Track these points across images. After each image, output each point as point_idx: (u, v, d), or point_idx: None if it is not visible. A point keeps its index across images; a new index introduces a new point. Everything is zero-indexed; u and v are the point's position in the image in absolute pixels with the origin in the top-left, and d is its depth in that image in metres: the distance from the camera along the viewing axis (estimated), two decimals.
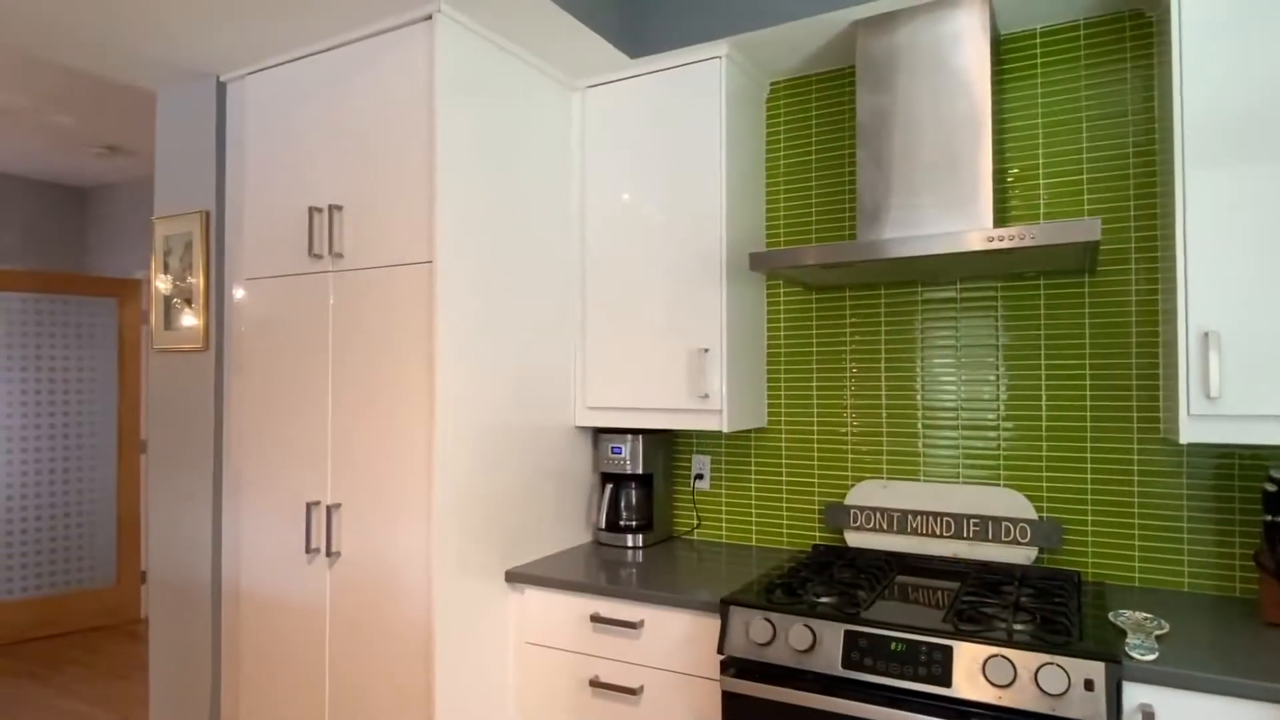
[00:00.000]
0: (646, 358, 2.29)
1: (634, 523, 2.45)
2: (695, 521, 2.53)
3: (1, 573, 4.31)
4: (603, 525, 2.42)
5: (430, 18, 1.94)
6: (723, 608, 1.78)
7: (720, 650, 1.76)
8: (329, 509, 2.10)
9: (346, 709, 2.06)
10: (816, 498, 2.34)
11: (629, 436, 2.42)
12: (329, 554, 2.09)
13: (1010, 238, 1.61)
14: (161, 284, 2.48)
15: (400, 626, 1.97)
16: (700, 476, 2.52)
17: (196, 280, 2.37)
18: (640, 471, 2.40)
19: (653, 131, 2.29)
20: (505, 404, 2.14)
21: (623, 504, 2.46)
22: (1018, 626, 1.58)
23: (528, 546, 2.22)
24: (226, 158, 2.37)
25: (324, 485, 2.12)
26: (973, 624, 1.60)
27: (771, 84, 2.44)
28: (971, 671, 1.51)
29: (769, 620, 1.71)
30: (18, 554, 4.36)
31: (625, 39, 2.24)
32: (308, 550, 2.13)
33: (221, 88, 2.38)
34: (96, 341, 4.65)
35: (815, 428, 2.34)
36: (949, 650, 1.54)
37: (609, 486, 2.44)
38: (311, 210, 2.14)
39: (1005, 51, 2.12)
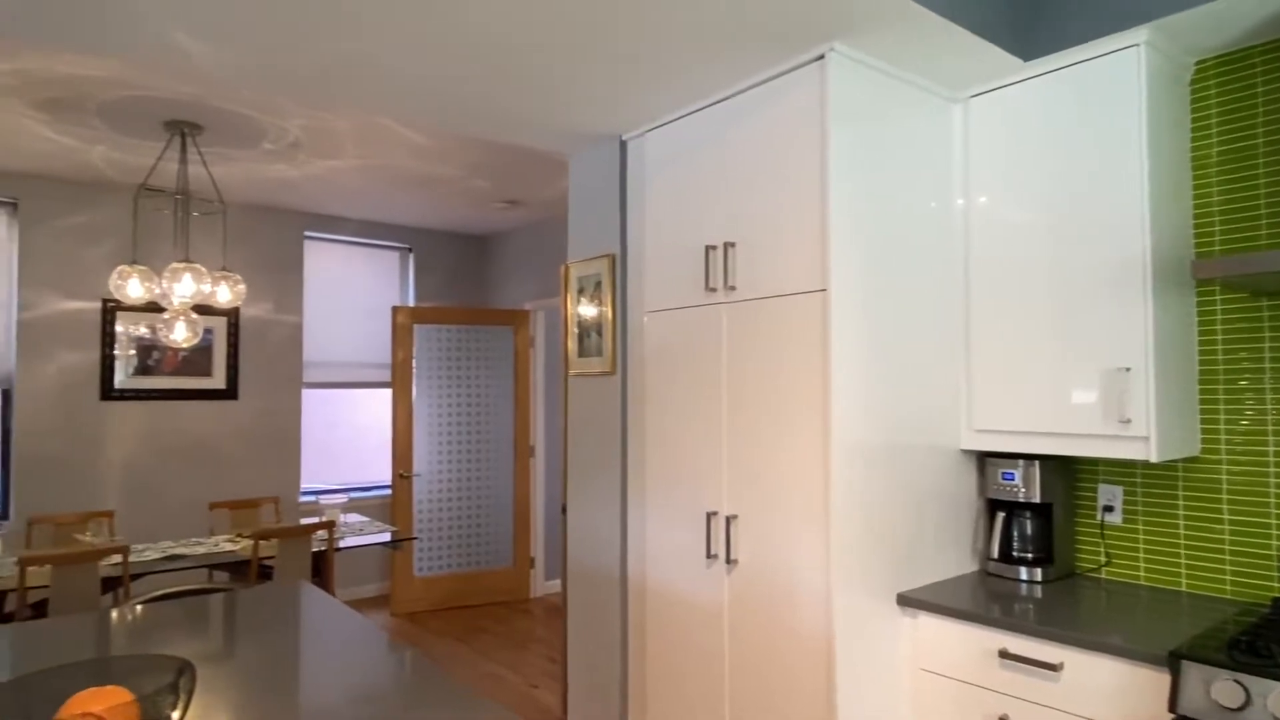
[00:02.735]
0: (1046, 379, 2.13)
1: (1030, 555, 2.29)
2: (1103, 558, 2.29)
3: (438, 551, 5.37)
4: (994, 555, 2.30)
5: (822, 58, 2.04)
6: (1172, 662, 1.59)
7: (1172, 708, 1.57)
8: (727, 519, 2.28)
9: (745, 703, 2.22)
10: (1275, 542, 1.97)
11: (1021, 462, 2.27)
12: (728, 561, 2.28)
13: None
14: (575, 318, 2.91)
15: (799, 636, 2.07)
16: (1110, 508, 2.27)
17: (605, 314, 2.75)
18: (1037, 500, 2.24)
19: (1049, 135, 2.14)
20: (890, 425, 2.15)
21: (1016, 534, 2.32)
22: None
23: (914, 570, 2.20)
24: (628, 207, 2.71)
25: (720, 497, 2.31)
26: None
27: (1196, 63, 2.13)
28: None
29: (1239, 683, 1.49)
30: (447, 536, 5.40)
31: (1017, 42, 2.13)
32: (708, 556, 2.34)
33: (623, 146, 2.74)
34: (496, 363, 5.58)
35: (1272, 459, 1.98)
36: None
37: (999, 515, 2.31)
38: (707, 248, 2.36)
39: None
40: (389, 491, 5.69)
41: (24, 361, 4.36)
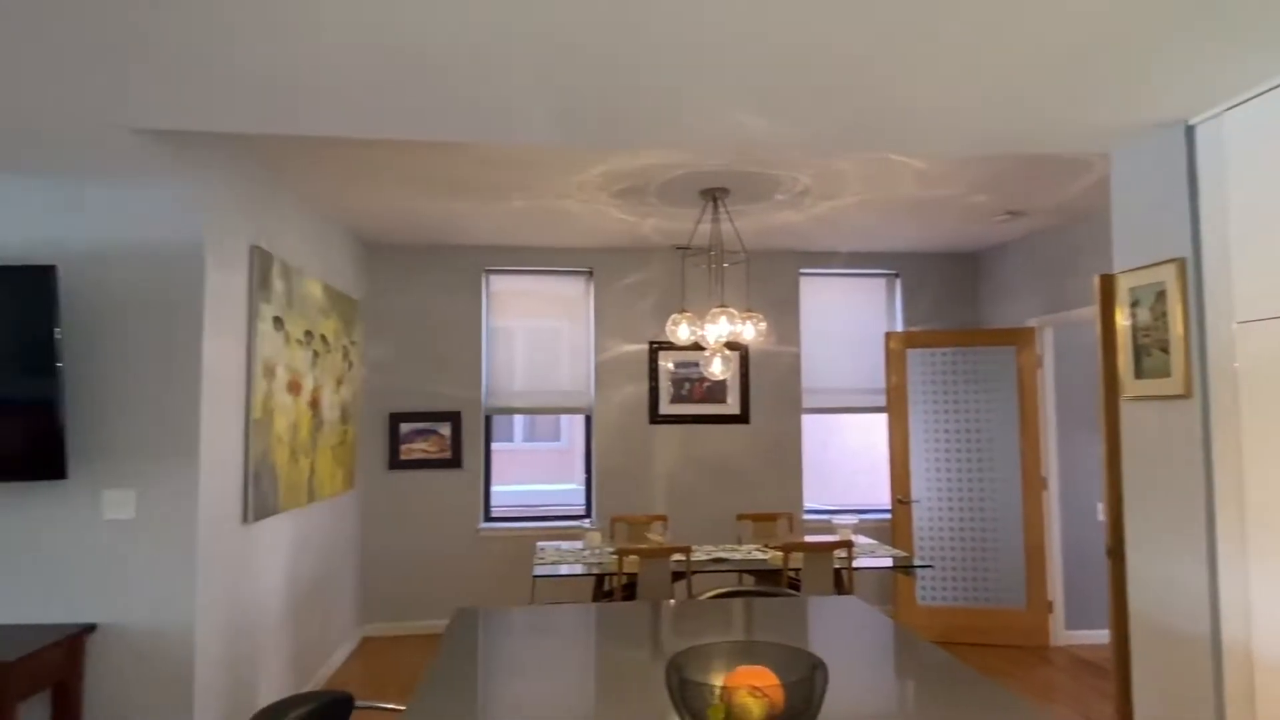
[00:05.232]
0: None
1: None
2: None
3: (941, 582, 5.23)
4: None
5: None
6: None
7: None
8: None
9: None
10: None
11: None
12: None
13: None
14: (1127, 334, 2.58)
15: None
16: None
17: (1173, 328, 2.38)
18: None
19: None
20: None
21: None
22: None
23: None
24: (1200, 202, 2.32)
25: None
26: None
27: None
28: None
29: None
30: (950, 567, 5.22)
31: None
32: None
33: (1189, 133, 2.36)
34: (996, 385, 5.24)
35: None
36: None
37: None
38: None
39: None
40: (884, 515, 5.75)
41: (600, 393, 5.56)
